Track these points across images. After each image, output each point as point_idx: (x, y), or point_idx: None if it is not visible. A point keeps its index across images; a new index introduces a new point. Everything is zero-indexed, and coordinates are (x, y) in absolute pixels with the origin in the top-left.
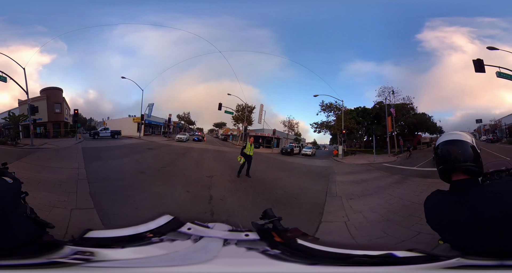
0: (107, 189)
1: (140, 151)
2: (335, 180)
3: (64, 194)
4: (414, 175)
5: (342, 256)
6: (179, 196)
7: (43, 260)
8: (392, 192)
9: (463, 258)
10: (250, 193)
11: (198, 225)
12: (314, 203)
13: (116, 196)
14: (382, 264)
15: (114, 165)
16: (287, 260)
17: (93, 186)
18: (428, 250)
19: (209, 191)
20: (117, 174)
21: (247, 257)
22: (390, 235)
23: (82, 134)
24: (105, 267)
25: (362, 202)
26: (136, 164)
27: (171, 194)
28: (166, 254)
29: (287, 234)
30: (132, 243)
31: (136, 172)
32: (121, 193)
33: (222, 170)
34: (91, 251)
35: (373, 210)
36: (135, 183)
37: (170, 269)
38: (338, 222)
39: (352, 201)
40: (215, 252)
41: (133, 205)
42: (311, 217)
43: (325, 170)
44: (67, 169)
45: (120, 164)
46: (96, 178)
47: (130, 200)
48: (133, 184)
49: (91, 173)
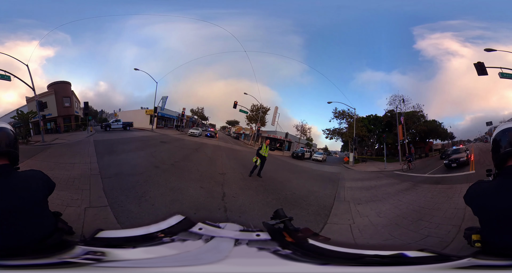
0: (122, 185)
1: (153, 145)
2: (344, 186)
3: (77, 192)
4: (425, 182)
5: (353, 256)
6: (194, 192)
7: (54, 260)
8: (401, 198)
9: (474, 258)
10: (260, 192)
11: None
12: (321, 206)
13: (131, 192)
14: (393, 264)
15: (128, 159)
16: (298, 260)
17: (106, 181)
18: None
19: (222, 188)
20: (131, 169)
21: (258, 257)
22: (396, 237)
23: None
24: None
25: (369, 207)
26: (150, 158)
27: (186, 189)
28: (177, 254)
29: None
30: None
31: (151, 166)
32: (137, 189)
33: (235, 168)
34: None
35: (380, 215)
36: (150, 177)
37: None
38: (342, 224)
39: (360, 206)
40: (226, 252)
41: (149, 202)
42: (317, 218)
43: (334, 175)
44: (79, 164)
45: (134, 157)
46: (109, 173)
47: (146, 196)
48: (148, 179)
49: (104, 168)
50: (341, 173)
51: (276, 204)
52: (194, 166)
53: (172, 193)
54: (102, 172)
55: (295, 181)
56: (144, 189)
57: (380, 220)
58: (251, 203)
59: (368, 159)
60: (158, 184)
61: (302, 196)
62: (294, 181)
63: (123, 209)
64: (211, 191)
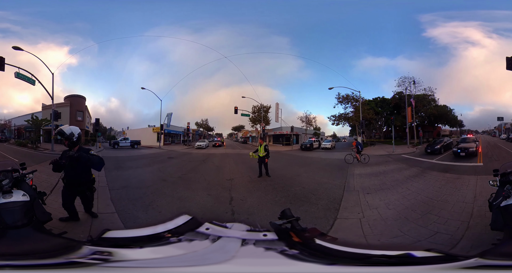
0: (129, 196)
1: (161, 161)
2: (353, 173)
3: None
4: (433, 169)
5: (360, 256)
6: (200, 199)
7: (61, 260)
8: (410, 186)
9: (481, 258)
10: (269, 192)
11: (216, 225)
12: (331, 199)
13: (138, 201)
14: (400, 264)
15: (135, 174)
16: (305, 260)
17: (114, 193)
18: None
19: (230, 192)
20: (139, 183)
21: (265, 257)
22: (406, 234)
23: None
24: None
25: (378, 197)
26: (157, 172)
27: (193, 198)
28: (184, 254)
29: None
30: (150, 243)
31: (158, 179)
32: (144, 199)
33: (242, 172)
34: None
35: (389, 207)
36: (157, 189)
37: (188, 269)
38: (353, 219)
39: (369, 196)
40: (233, 252)
41: (156, 210)
42: (327, 213)
43: (343, 163)
44: None
45: (141, 173)
46: (117, 186)
47: (153, 204)
48: (155, 191)
49: (111, 181)
50: (349, 160)
51: (285, 203)
52: (202, 176)
53: (179, 201)
54: (109, 184)
55: (304, 175)
56: (151, 199)
57: (390, 213)
58: (259, 204)
59: (377, 142)
60: (165, 195)
61: (311, 190)
62: (303, 175)
63: (130, 216)
64: (218, 196)
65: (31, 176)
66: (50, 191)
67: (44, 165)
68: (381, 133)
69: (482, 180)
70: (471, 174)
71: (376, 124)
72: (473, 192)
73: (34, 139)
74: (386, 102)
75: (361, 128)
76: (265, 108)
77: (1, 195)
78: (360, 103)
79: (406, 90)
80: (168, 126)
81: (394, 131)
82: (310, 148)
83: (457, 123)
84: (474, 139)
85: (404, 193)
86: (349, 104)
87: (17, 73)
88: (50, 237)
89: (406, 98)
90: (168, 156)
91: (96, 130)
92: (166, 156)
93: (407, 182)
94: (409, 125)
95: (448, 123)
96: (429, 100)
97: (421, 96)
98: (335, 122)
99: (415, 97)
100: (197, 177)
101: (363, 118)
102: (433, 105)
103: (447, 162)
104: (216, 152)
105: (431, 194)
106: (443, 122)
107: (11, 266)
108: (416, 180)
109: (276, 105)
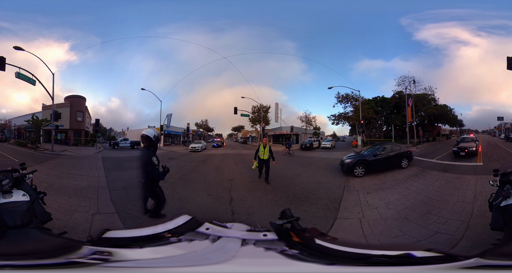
0: (129, 196)
1: (161, 161)
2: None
3: (85, 200)
4: (433, 168)
5: (360, 256)
6: (200, 199)
7: (61, 260)
8: (409, 185)
9: (481, 258)
10: (269, 192)
11: (217, 225)
12: (331, 199)
13: (138, 202)
14: (400, 264)
15: (135, 175)
16: (305, 260)
17: (114, 193)
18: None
19: (230, 193)
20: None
21: (265, 257)
22: (406, 234)
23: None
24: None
25: (378, 197)
26: None
27: (193, 198)
28: (184, 254)
29: (305, 234)
30: (150, 243)
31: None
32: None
33: (242, 172)
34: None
35: (389, 206)
36: None
37: (188, 269)
38: (353, 218)
39: (369, 196)
40: (233, 252)
41: None
42: (327, 213)
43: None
44: (87, 177)
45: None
46: (117, 186)
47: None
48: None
49: (111, 181)
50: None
51: (285, 203)
52: (202, 177)
53: (179, 202)
54: (110, 185)
55: (304, 175)
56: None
57: (390, 212)
58: (259, 204)
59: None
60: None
61: (311, 190)
62: (303, 174)
63: (130, 216)
64: (218, 197)
65: (31, 176)
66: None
67: (44, 166)
68: (381, 132)
69: (482, 180)
70: (471, 174)
71: (376, 123)
72: (473, 192)
73: (34, 139)
74: (386, 101)
75: (361, 128)
76: (264, 108)
77: (1, 195)
78: (359, 102)
79: (406, 89)
80: (168, 126)
81: (394, 130)
82: (310, 148)
83: (457, 122)
84: (475, 139)
85: (404, 193)
86: (349, 103)
87: (17, 73)
88: (50, 237)
89: (406, 97)
90: (168, 157)
91: (96, 131)
92: (166, 157)
93: (407, 181)
94: (409, 125)
95: (448, 122)
96: (429, 99)
97: (421, 96)
98: (335, 122)
99: (415, 97)
100: (197, 178)
101: (363, 117)
102: (433, 104)
103: (447, 162)
104: (216, 153)
105: (431, 194)
106: (443, 122)
107: (11, 266)
108: (416, 179)
109: (275, 105)
